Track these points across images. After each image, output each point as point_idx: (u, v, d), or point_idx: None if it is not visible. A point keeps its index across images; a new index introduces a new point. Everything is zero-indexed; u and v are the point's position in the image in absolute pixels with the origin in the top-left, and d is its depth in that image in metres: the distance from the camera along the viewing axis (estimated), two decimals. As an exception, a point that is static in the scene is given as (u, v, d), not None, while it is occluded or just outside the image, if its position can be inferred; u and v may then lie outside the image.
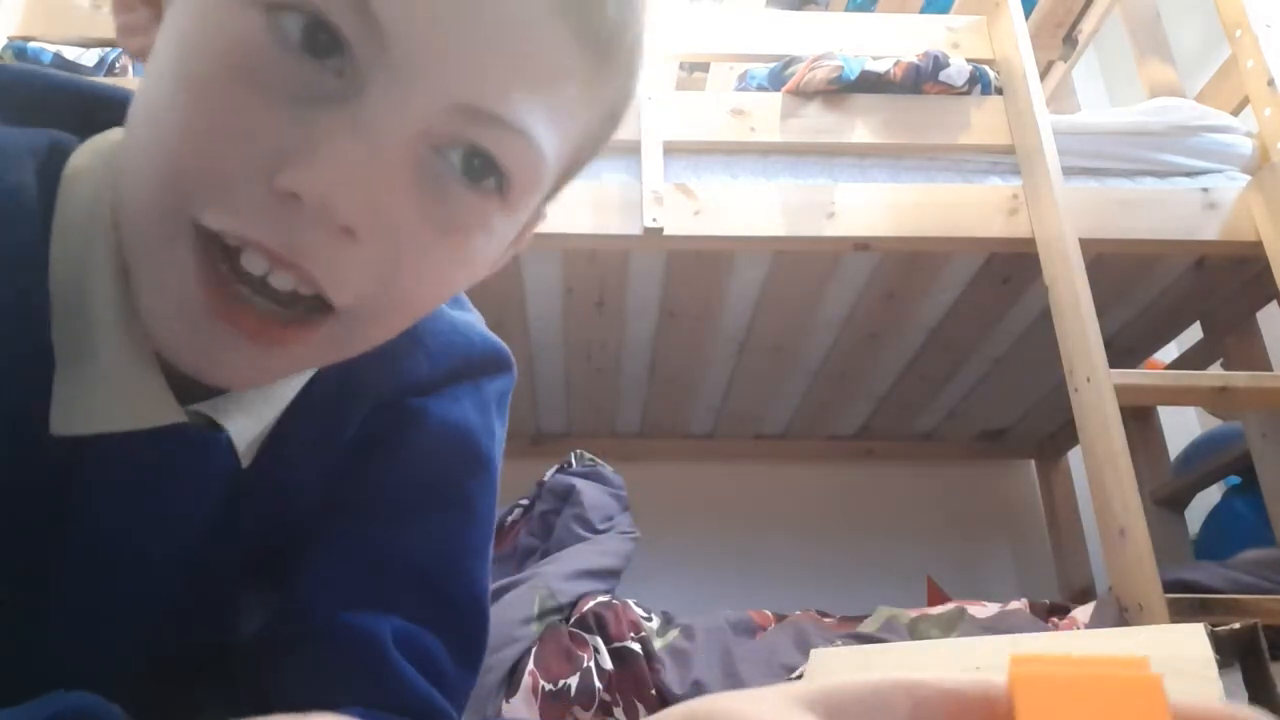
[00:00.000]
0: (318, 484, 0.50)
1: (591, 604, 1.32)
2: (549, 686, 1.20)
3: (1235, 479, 1.88)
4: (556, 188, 0.44)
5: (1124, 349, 1.86)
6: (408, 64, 0.34)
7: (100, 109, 0.45)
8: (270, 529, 0.49)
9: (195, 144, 0.34)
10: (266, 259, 0.35)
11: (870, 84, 1.57)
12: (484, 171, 0.37)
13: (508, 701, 1.20)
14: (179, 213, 0.35)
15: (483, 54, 0.34)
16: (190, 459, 0.44)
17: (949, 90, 1.58)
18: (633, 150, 1.49)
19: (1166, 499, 1.87)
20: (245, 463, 0.45)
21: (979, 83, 1.59)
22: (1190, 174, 1.54)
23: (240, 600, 0.53)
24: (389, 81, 0.34)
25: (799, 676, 1.20)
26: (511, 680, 1.23)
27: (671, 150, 1.50)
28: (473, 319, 0.57)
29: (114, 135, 0.43)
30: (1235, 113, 1.63)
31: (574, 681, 1.20)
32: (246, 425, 0.45)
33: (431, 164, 0.36)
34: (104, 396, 0.40)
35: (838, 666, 0.97)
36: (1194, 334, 1.88)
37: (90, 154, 0.42)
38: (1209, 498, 1.94)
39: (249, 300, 0.36)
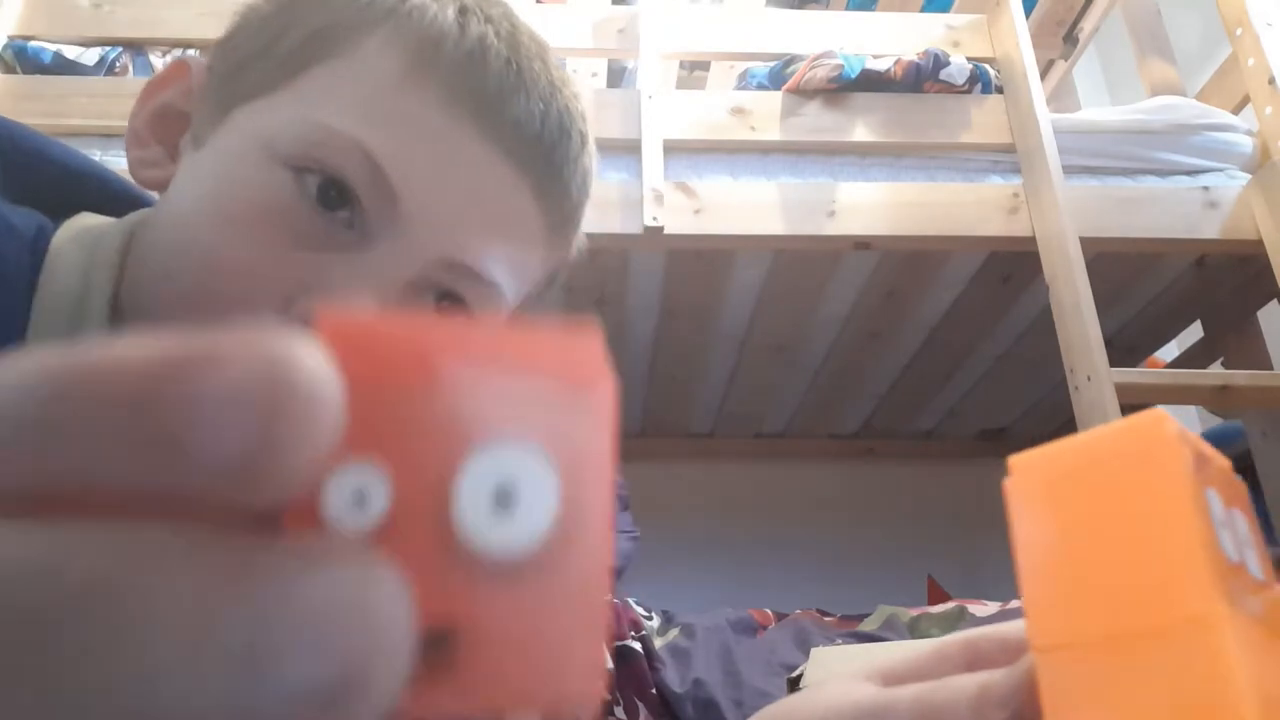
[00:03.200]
0: None
1: (592, 603, 1.32)
2: (549, 685, 1.20)
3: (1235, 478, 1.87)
4: None
5: (1125, 348, 1.85)
6: (412, 225, 0.41)
7: (74, 183, 0.49)
8: None
9: (222, 275, 0.40)
10: None
11: (871, 83, 1.57)
12: (453, 311, 0.43)
13: (508, 700, 1.20)
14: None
15: (472, 221, 0.42)
16: None
17: (949, 89, 1.58)
18: (633, 149, 1.49)
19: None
20: None
21: (979, 81, 1.59)
22: (1191, 172, 1.54)
23: None
24: (394, 237, 0.41)
25: (799, 675, 1.20)
26: (512, 679, 1.23)
27: (672, 149, 1.50)
28: None
29: (88, 220, 0.47)
30: (1236, 111, 1.63)
31: (574, 680, 1.20)
32: None
33: (412, 301, 0.43)
34: None
35: (838, 665, 0.97)
36: (1194, 333, 1.88)
37: (70, 240, 0.45)
38: (1209, 496, 1.94)
39: None
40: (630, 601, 1.37)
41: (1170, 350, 2.07)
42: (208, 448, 0.11)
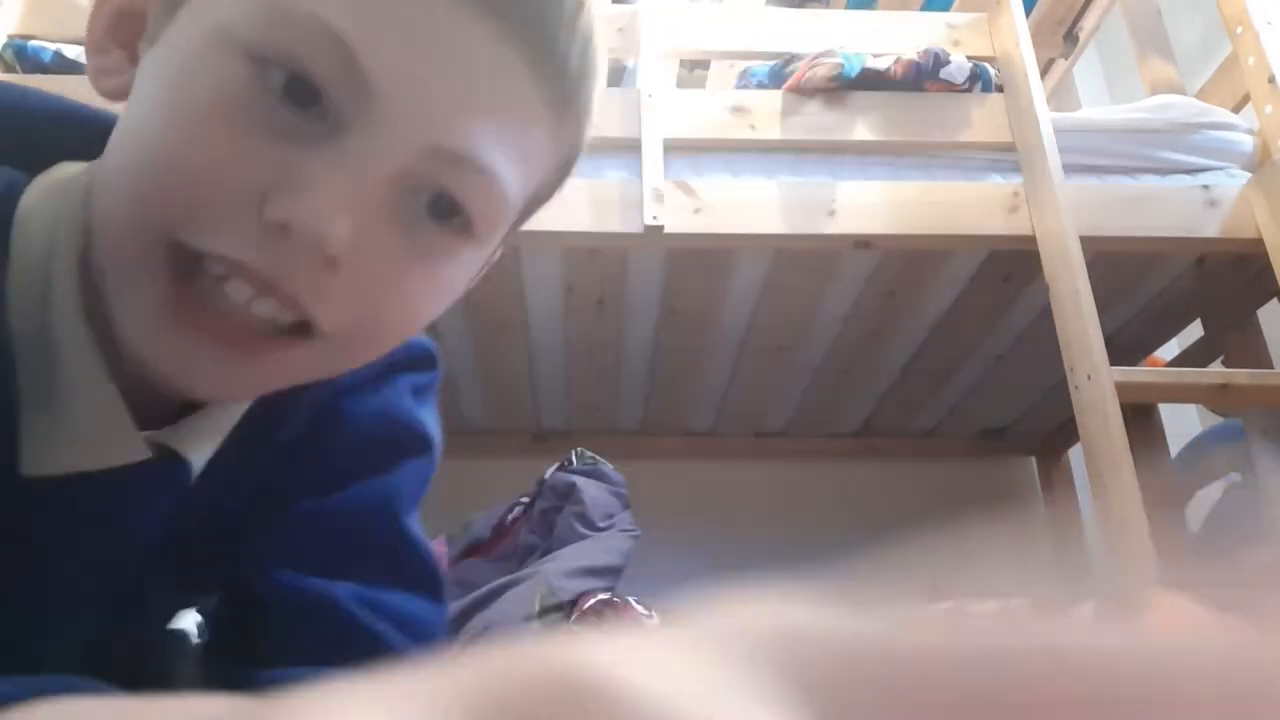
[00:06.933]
0: (251, 487, 0.51)
1: (592, 601, 1.32)
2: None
3: (1236, 477, 1.87)
4: (518, 223, 0.47)
5: (1125, 346, 1.85)
6: (391, 111, 0.37)
7: (55, 130, 0.45)
8: (203, 535, 0.50)
9: (184, 172, 0.36)
10: (251, 286, 0.37)
11: (871, 81, 1.57)
12: (451, 211, 0.40)
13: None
14: (157, 233, 0.36)
15: (459, 103, 0.38)
16: (149, 488, 0.45)
17: (950, 88, 1.58)
18: (633, 148, 1.49)
19: (1167, 496, 1.87)
20: (190, 483, 0.46)
21: (980, 80, 1.59)
22: (1191, 171, 1.54)
23: (157, 599, 0.56)
24: (372, 125, 0.37)
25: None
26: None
27: (672, 148, 1.50)
28: None
29: (66, 170, 0.44)
30: (1236, 110, 1.63)
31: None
32: (200, 451, 0.46)
33: (405, 203, 0.39)
34: (74, 437, 0.40)
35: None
36: (1195, 331, 1.88)
37: (42, 193, 0.42)
38: (1209, 496, 1.94)
39: (223, 312, 0.37)
40: (631, 600, 1.37)
41: (1170, 349, 2.07)
42: None
